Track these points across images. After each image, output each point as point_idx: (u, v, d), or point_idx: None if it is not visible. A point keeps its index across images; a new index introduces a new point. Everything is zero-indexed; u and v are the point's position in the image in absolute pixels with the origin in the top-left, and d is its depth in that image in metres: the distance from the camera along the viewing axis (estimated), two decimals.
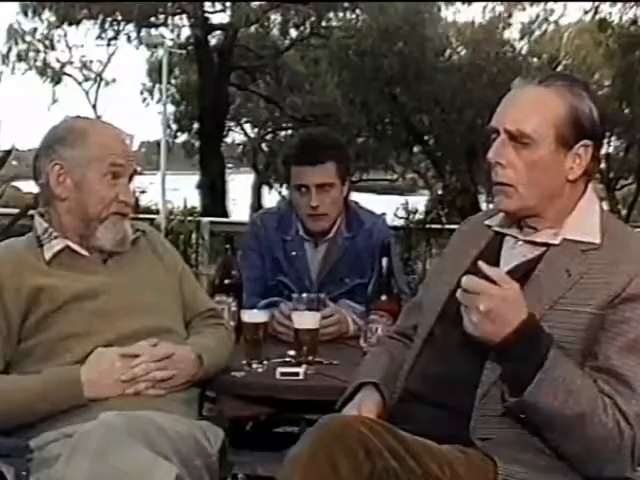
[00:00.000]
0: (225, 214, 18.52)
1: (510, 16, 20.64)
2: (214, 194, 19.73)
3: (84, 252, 2.13)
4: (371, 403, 1.87)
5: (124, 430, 1.74)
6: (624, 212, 18.84)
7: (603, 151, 1.90)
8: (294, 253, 2.94)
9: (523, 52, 21.32)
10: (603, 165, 18.65)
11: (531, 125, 1.75)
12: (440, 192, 19.22)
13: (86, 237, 2.13)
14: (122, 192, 2.14)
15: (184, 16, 19.92)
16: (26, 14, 19.67)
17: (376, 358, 2.07)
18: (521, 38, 21.37)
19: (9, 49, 20.91)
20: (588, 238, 1.77)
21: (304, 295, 2.61)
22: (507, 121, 1.78)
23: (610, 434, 1.62)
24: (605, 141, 1.92)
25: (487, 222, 1.94)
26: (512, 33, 21.32)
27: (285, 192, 16.99)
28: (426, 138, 21.25)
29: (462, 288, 1.65)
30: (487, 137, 1.83)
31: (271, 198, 22.15)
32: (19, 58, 21.06)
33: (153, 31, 19.71)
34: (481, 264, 1.68)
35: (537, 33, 21.16)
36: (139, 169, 2.25)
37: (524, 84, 1.82)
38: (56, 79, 22.35)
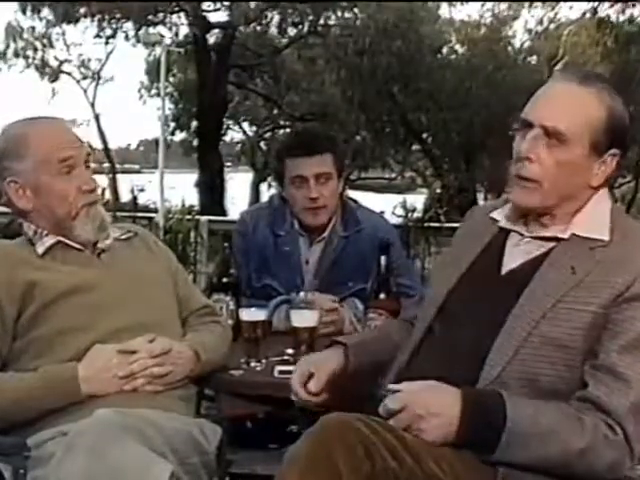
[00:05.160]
0: (223, 212, 18.52)
1: (515, 20, 20.67)
2: (212, 192, 19.71)
3: (77, 245, 2.12)
4: (329, 363, 1.89)
5: (119, 427, 1.74)
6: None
7: None
8: (287, 248, 2.85)
9: (522, 50, 21.33)
10: None
11: (569, 125, 1.72)
12: (438, 190, 19.22)
13: (67, 236, 2.11)
14: (82, 182, 2.10)
15: (182, 14, 19.92)
16: (24, 12, 19.66)
17: (370, 330, 2.14)
18: (520, 36, 21.39)
19: (7, 47, 20.92)
20: (597, 235, 1.75)
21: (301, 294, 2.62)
22: (545, 117, 1.74)
23: (597, 452, 1.61)
24: None
25: (493, 215, 1.91)
26: (510, 31, 21.34)
27: None
28: (424, 136, 21.28)
29: (391, 414, 1.64)
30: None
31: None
32: (17, 56, 21.07)
33: (151, 29, 19.70)
34: (388, 386, 1.71)
35: (536, 31, 21.17)
36: (92, 151, 2.20)
37: (564, 80, 1.78)
38: (54, 77, 22.37)
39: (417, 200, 11.44)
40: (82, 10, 19.21)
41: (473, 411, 1.62)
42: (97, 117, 24.09)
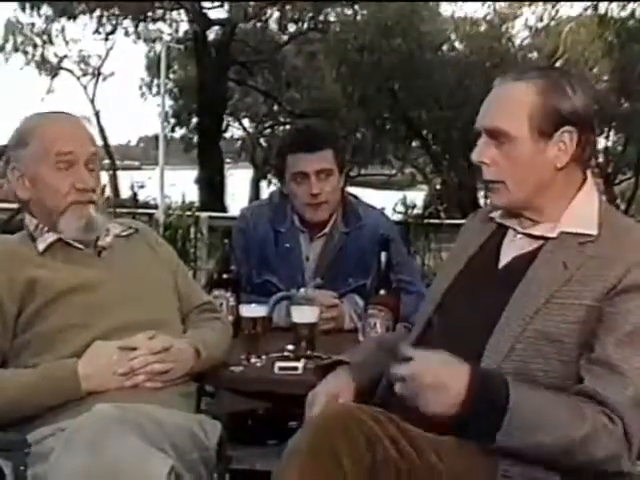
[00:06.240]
0: (224, 209, 18.52)
1: (516, 17, 20.65)
2: (212, 189, 19.73)
3: (78, 245, 2.12)
4: (346, 393, 1.87)
5: (119, 422, 1.74)
6: (623, 207, 18.84)
7: (602, 145, 1.90)
8: (287, 245, 2.84)
9: (522, 47, 21.31)
10: (601, 159, 18.67)
11: (506, 120, 1.77)
12: (438, 187, 19.25)
13: (55, 231, 2.11)
14: (78, 180, 2.08)
15: (182, 11, 19.92)
16: (24, 9, 19.67)
17: (368, 342, 2.12)
18: (520, 33, 21.38)
19: (6, 42, 20.94)
20: (585, 230, 1.76)
21: (302, 290, 2.61)
22: (485, 120, 1.81)
23: (598, 440, 1.61)
24: (603, 135, 1.92)
25: (491, 214, 1.94)
26: (511, 28, 21.32)
27: None
28: (424, 133, 21.26)
29: (399, 379, 1.65)
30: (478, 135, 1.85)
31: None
32: (17, 51, 21.08)
33: (151, 26, 19.71)
34: (403, 347, 1.70)
35: (536, 28, 21.15)
36: (99, 152, 2.16)
37: (500, 82, 1.83)
38: (54, 73, 22.39)
39: (417, 197, 11.42)
40: (81, 7, 19.22)
41: (479, 388, 1.61)
42: (97, 114, 24.12)
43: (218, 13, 20.41)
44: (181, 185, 14.28)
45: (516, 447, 1.61)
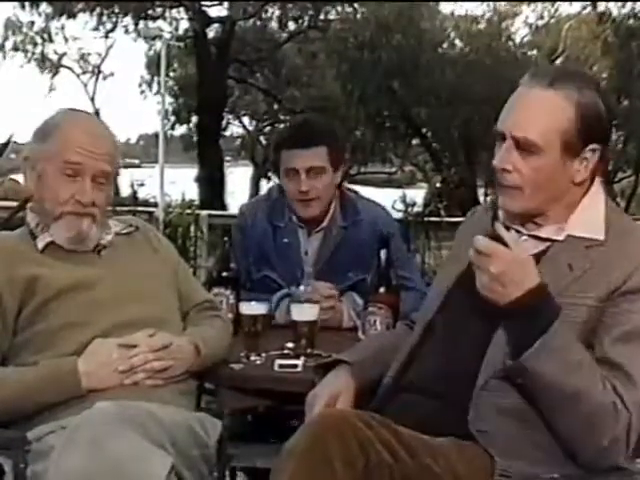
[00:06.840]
0: (224, 207, 18.51)
1: (516, 15, 20.66)
2: (212, 187, 19.73)
3: (75, 247, 2.12)
4: (345, 394, 1.88)
5: (119, 419, 1.74)
6: (622, 205, 18.84)
7: None
8: (286, 240, 2.84)
9: (522, 45, 21.32)
10: None
11: (538, 133, 1.73)
12: (438, 185, 19.22)
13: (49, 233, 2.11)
14: (79, 192, 2.06)
15: (182, 9, 19.90)
16: (23, 7, 19.67)
17: (368, 341, 2.14)
18: (520, 31, 21.39)
19: (6, 39, 20.93)
20: (592, 234, 1.76)
21: (301, 287, 2.62)
22: (514, 127, 1.76)
23: (606, 413, 1.62)
24: None
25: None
26: (511, 26, 21.33)
27: None
28: (424, 131, 21.27)
29: (475, 249, 1.65)
30: (493, 137, 1.82)
31: None
32: (17, 50, 21.07)
33: (151, 24, 19.69)
34: (498, 226, 1.70)
35: (536, 26, 21.15)
36: (114, 170, 2.12)
37: (533, 84, 1.77)
38: (54, 72, 22.39)
39: (417, 195, 11.39)
40: (80, 5, 19.21)
41: (529, 305, 1.62)
42: (97, 112, 24.08)
43: (218, 11, 20.46)
44: (181, 183, 14.27)
45: (533, 370, 1.61)
